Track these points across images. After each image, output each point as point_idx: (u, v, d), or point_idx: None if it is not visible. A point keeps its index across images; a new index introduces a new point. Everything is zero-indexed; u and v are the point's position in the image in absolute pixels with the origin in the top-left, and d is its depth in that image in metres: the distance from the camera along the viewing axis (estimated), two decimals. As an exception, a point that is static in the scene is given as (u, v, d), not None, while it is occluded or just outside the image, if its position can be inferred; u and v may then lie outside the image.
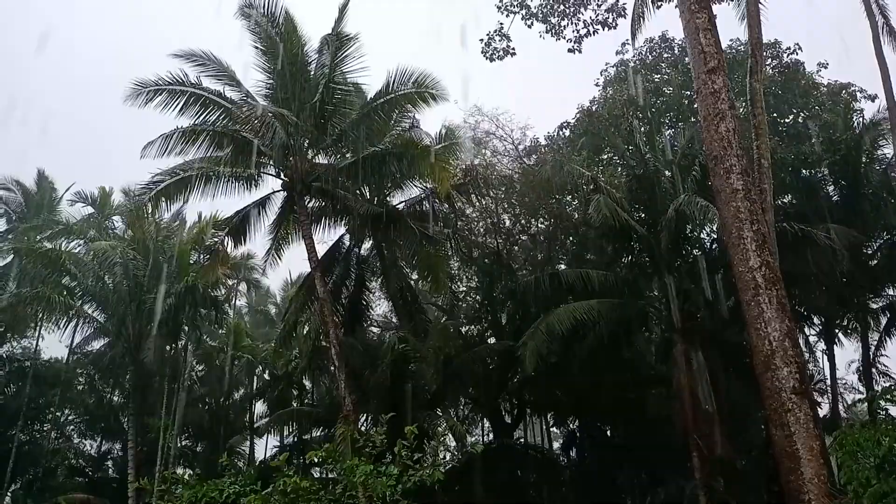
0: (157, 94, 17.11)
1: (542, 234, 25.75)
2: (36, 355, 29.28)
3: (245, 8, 17.77)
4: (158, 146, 17.30)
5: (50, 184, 32.31)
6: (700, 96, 10.03)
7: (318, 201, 20.72)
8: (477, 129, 25.51)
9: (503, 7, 17.74)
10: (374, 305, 26.16)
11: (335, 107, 18.75)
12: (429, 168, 18.46)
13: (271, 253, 21.55)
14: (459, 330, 25.64)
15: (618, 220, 17.86)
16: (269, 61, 18.33)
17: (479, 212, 25.84)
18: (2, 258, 28.07)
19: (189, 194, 18.41)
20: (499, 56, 18.16)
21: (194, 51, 17.59)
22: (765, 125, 11.79)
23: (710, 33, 10.19)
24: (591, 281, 18.95)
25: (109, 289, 24.02)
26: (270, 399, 31.47)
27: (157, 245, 24.78)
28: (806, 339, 23.39)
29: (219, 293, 27.34)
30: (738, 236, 8.85)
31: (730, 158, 9.25)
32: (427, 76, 18.46)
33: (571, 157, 22.85)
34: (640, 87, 23.40)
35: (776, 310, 8.34)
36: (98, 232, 27.84)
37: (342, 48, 18.10)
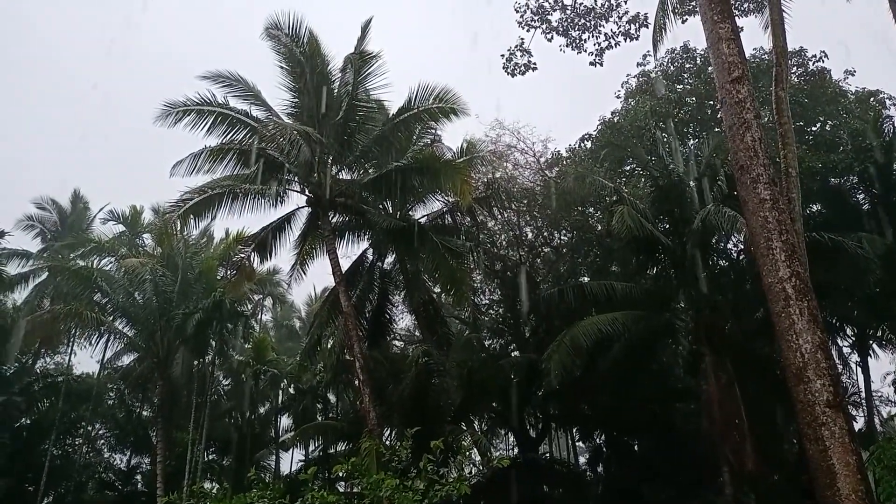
0: (186, 115, 17.53)
1: (565, 246, 25.64)
2: (68, 370, 29.80)
3: (271, 29, 18.17)
4: (187, 165, 17.71)
5: (84, 203, 33.12)
6: (725, 106, 9.95)
7: (341, 216, 20.93)
8: (498, 143, 25.59)
9: (524, 22, 17.80)
10: (398, 319, 26.25)
11: (358, 123, 19.02)
12: (451, 182, 18.57)
13: (296, 268, 21.80)
14: (482, 343, 25.56)
15: (642, 231, 17.71)
16: (294, 80, 18.67)
17: (502, 224, 25.84)
18: (37, 276, 28.69)
19: (216, 211, 18.74)
20: (520, 71, 18.20)
21: (222, 72, 18.03)
22: (791, 134, 11.65)
23: (734, 43, 10.13)
24: (615, 293, 18.79)
25: (139, 304, 24.46)
26: (295, 413, 31.64)
27: (185, 261, 25.19)
28: (839, 351, 22.92)
29: (245, 308, 27.67)
30: (766, 247, 8.73)
31: (757, 168, 9.15)
32: (448, 91, 18.70)
33: (594, 169, 22.78)
34: (663, 96, 23.32)
35: (807, 321, 8.19)
36: (129, 249, 28.39)
37: (365, 66, 18.38)
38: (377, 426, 16.65)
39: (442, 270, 21.07)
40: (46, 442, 26.64)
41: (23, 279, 28.42)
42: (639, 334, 18.61)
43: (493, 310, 27.78)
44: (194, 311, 23.47)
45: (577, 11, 17.82)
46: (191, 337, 23.71)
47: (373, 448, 14.05)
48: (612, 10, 17.63)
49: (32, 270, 28.74)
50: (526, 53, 17.99)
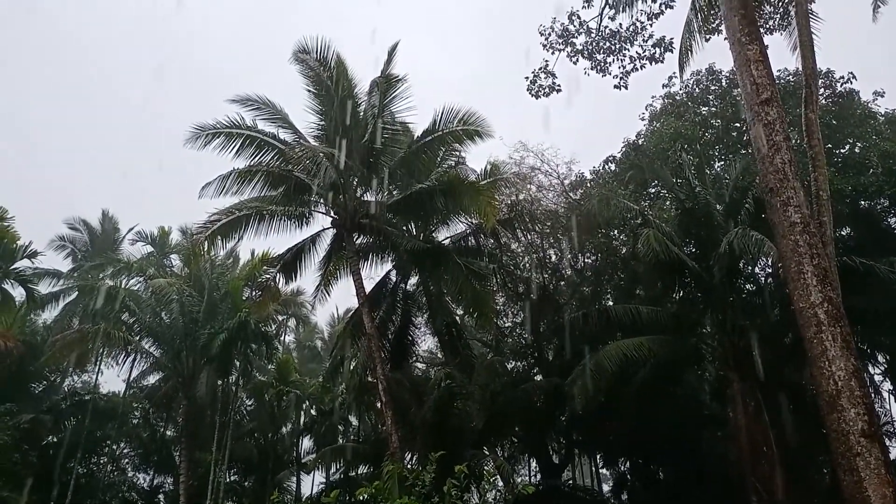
0: (215, 137, 17.87)
1: (589, 269, 25.46)
2: (95, 389, 30.16)
3: (299, 54, 18.52)
4: (216, 186, 18.01)
5: (114, 224, 33.78)
6: (753, 128, 9.88)
7: (365, 238, 21.05)
8: (522, 165, 25.62)
9: (548, 45, 17.88)
10: (420, 341, 26.21)
11: (383, 146, 19.19)
12: (474, 203, 18.61)
13: (320, 289, 21.91)
14: (505, 366, 25.36)
15: (668, 255, 17.52)
16: (321, 103, 18.96)
17: (525, 247, 25.77)
18: (67, 295, 29.22)
19: (243, 232, 18.97)
20: (544, 93, 18.25)
21: (251, 96, 18.39)
22: (822, 156, 11.49)
23: (762, 65, 10.07)
24: (640, 316, 18.57)
25: (166, 324, 24.77)
26: (317, 434, 31.61)
27: (211, 282, 25.49)
28: (871, 379, 22.34)
29: (269, 329, 27.85)
30: (797, 271, 8.58)
31: (787, 191, 9.03)
32: (472, 114, 18.83)
33: (618, 191, 22.68)
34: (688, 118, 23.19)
35: (840, 347, 8.01)
36: (156, 269, 28.82)
37: (390, 89, 18.61)
38: (399, 449, 16.54)
39: (465, 292, 21.02)
40: (72, 460, 26.90)
41: (53, 298, 28.97)
42: (664, 359, 18.34)
43: (516, 333, 27.61)
44: (220, 331, 23.68)
45: (601, 35, 17.86)
46: (216, 357, 23.89)
47: (395, 472, 13.97)
48: (637, 33, 17.64)
49: (63, 289, 29.29)
50: (550, 75, 18.05)
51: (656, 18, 17.34)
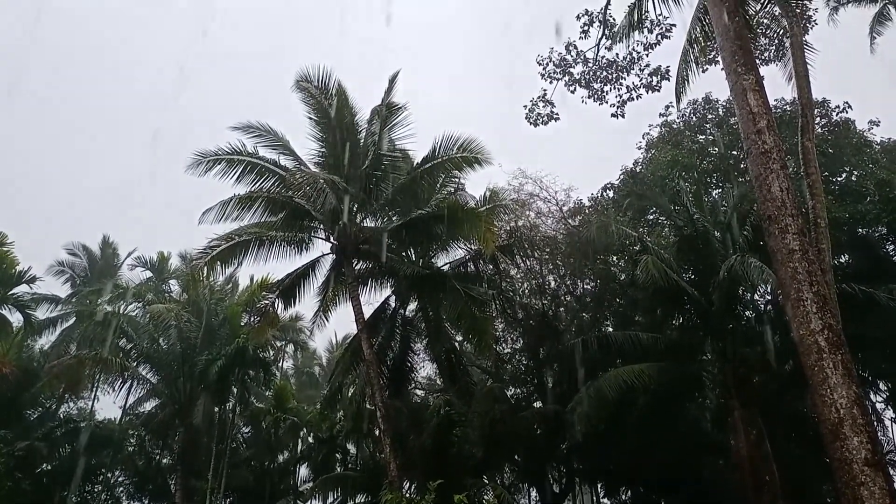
0: (217, 164, 18.00)
1: (589, 296, 25.44)
2: (91, 416, 29.89)
3: (301, 82, 18.75)
4: (216, 212, 18.07)
5: (113, 249, 33.79)
6: (751, 157, 9.96)
7: (365, 263, 21.06)
8: (521, 191, 25.73)
9: (546, 74, 18.11)
10: (419, 367, 26.05)
11: (383, 172, 19.33)
12: (474, 230, 18.67)
13: (319, 315, 21.86)
14: (505, 393, 25.17)
15: (667, 281, 17.54)
16: (322, 130, 19.13)
17: (524, 273, 25.77)
18: (65, 320, 29.11)
19: (242, 258, 18.99)
20: (543, 121, 18.42)
21: (252, 123, 18.56)
22: (819, 184, 11.59)
23: (758, 94, 10.19)
24: (640, 343, 18.53)
25: (163, 350, 24.63)
26: (315, 462, 31.24)
27: (210, 307, 25.43)
28: (873, 407, 22.21)
29: (267, 355, 27.71)
30: (797, 298, 8.59)
31: (785, 218, 9.08)
32: (471, 141, 18.96)
33: (616, 218, 22.77)
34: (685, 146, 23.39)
35: (842, 375, 7.98)
36: (155, 295, 28.77)
37: (391, 117, 18.81)
38: (398, 478, 16.37)
39: (464, 319, 20.96)
40: (67, 489, 26.55)
41: (51, 324, 28.86)
42: (665, 387, 18.25)
43: (516, 359, 27.47)
44: (217, 358, 23.55)
45: (598, 64, 18.09)
46: (213, 383, 23.73)
47: (394, 501, 13.82)
48: (634, 62, 17.87)
49: (61, 315, 29.18)
50: (548, 104, 18.24)
51: (652, 49, 17.58)
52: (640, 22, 16.43)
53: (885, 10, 27.74)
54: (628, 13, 16.41)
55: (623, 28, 16.69)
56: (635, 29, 16.58)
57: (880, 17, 27.95)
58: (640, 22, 16.43)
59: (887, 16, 27.78)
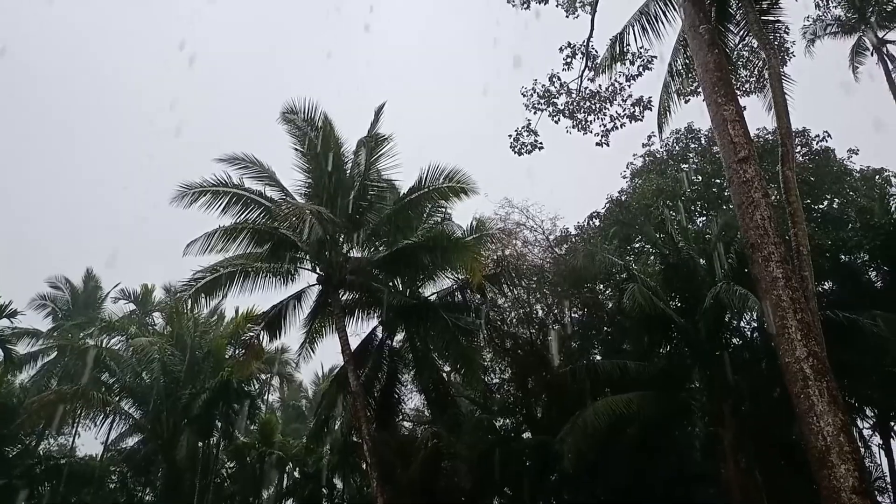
0: (202, 196, 17.94)
1: (576, 324, 25.41)
2: (71, 452, 29.24)
3: (287, 114, 18.86)
4: (201, 244, 17.96)
5: (96, 282, 33.44)
6: (733, 186, 10.08)
7: (351, 294, 20.97)
8: (507, 221, 25.84)
9: (530, 105, 18.33)
10: (407, 399, 25.78)
11: (370, 203, 19.38)
12: (461, 259, 18.69)
13: (305, 346, 21.66)
14: (494, 424, 24.96)
15: (653, 309, 17.57)
16: (308, 162, 19.20)
17: (512, 302, 25.74)
18: (46, 355, 28.62)
19: (227, 290, 18.86)
20: (527, 150, 18.59)
21: (238, 155, 18.60)
22: (801, 212, 11.71)
23: (739, 124, 10.36)
24: (628, 372, 18.46)
25: (146, 385, 24.24)
26: (301, 498, 30.68)
27: (194, 340, 25.12)
28: (860, 434, 22.20)
29: (252, 388, 27.34)
30: (781, 325, 8.63)
31: (768, 246, 9.17)
32: (457, 171, 19.10)
33: (603, 247, 22.88)
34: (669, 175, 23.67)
35: (828, 403, 7.99)
36: (138, 328, 28.42)
37: (377, 148, 18.93)
38: (385, 512, 16.07)
39: (452, 349, 20.87)
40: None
41: (31, 358, 28.35)
42: (654, 416, 18.13)
43: (504, 389, 27.28)
44: (201, 391, 23.21)
45: (582, 95, 18.35)
46: (197, 418, 23.34)
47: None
48: (617, 93, 18.15)
49: (42, 349, 28.70)
50: (532, 133, 18.43)
51: (634, 80, 17.87)
52: (621, 54, 16.72)
53: (861, 42, 28.51)
54: (610, 46, 16.70)
55: (605, 60, 16.97)
56: (617, 61, 16.87)
57: (858, 47, 28.69)
58: (621, 54, 16.72)
59: (864, 46, 28.55)
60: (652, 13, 15.61)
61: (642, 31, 15.90)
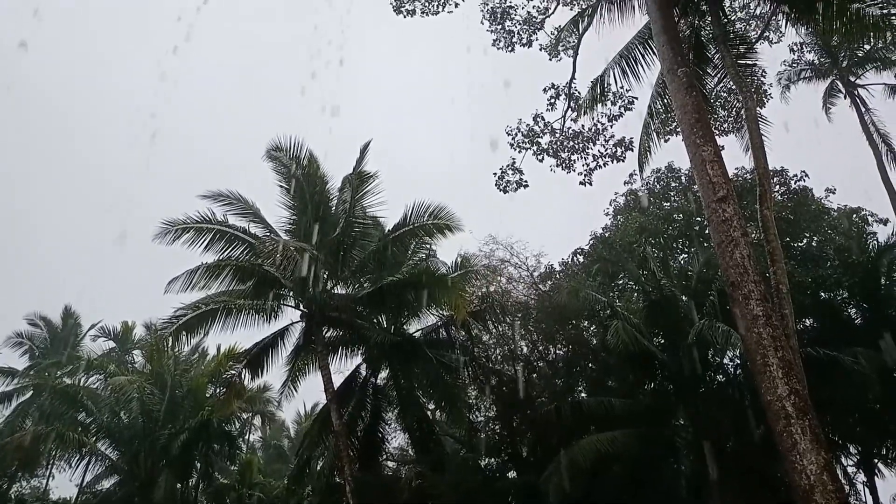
0: (185, 232, 17.89)
1: (561, 361, 25.36)
2: (45, 496, 28.38)
3: (272, 151, 18.99)
4: (183, 281, 17.82)
5: (75, 319, 32.92)
6: (712, 224, 10.23)
7: (335, 331, 20.84)
8: (492, 257, 25.94)
9: (515, 144, 18.62)
10: (391, 438, 25.40)
11: (354, 239, 19.42)
12: (445, 296, 18.70)
13: (287, 385, 21.40)
14: (478, 463, 24.63)
15: (637, 346, 17.64)
16: (293, 199, 19.25)
17: (496, 339, 25.67)
18: (22, 394, 27.99)
19: (209, 327, 18.68)
20: (512, 188, 18.81)
21: (222, 191, 18.63)
22: (779, 251, 11.89)
23: (717, 164, 10.55)
24: (613, 409, 18.42)
25: (124, 424, 23.70)
26: (282, 542, 29.86)
27: (174, 379, 24.69)
28: (844, 471, 22.15)
29: (233, 428, 26.85)
30: (763, 363, 8.67)
31: (748, 284, 9.27)
32: (442, 209, 19.25)
33: (587, 283, 23.00)
34: (651, 213, 23.99)
35: (810, 441, 7.99)
36: (117, 366, 27.92)
37: (362, 185, 19.06)
38: (367, 556, 15.72)
39: (437, 386, 20.73)
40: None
41: (6, 398, 27.70)
42: (639, 453, 18.03)
43: (489, 427, 27.00)
44: (180, 431, 22.72)
45: (565, 135, 18.68)
46: (175, 458, 22.79)
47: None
48: (599, 133, 18.50)
49: (17, 389, 28.06)
50: (517, 172, 18.68)
51: (616, 120, 18.26)
52: (602, 95, 17.09)
53: (834, 85, 29.39)
54: (591, 87, 17.07)
55: (587, 101, 17.33)
56: (598, 102, 17.24)
57: (831, 90, 29.55)
58: (602, 95, 17.09)
59: (837, 89, 29.41)
60: (631, 56, 16.02)
61: (622, 73, 16.29)
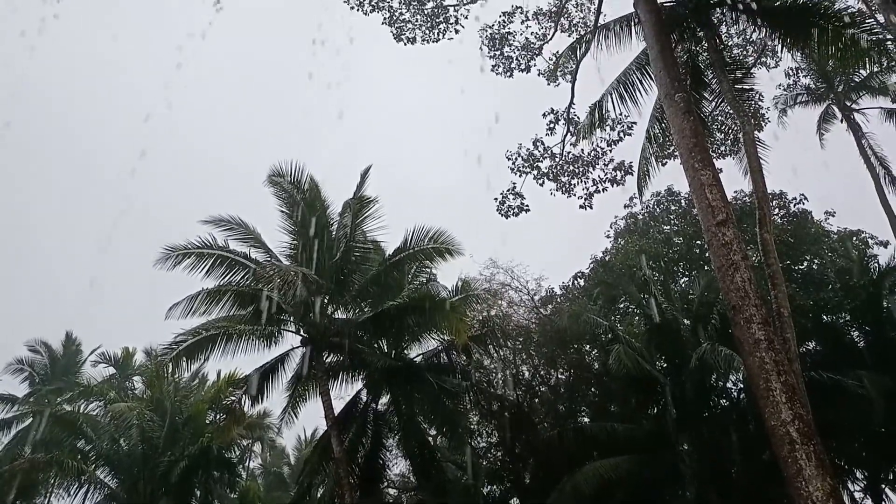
0: (186, 258, 17.92)
1: (563, 386, 25.21)
2: (42, 524, 28.01)
3: (274, 176, 19.11)
4: (183, 307, 17.80)
5: (76, 346, 32.86)
6: (712, 248, 10.26)
7: (336, 356, 20.77)
8: (492, 281, 25.92)
9: (515, 168, 18.74)
10: (392, 464, 25.17)
11: (355, 264, 19.44)
12: (446, 320, 18.66)
13: (287, 410, 21.26)
14: (481, 490, 24.36)
15: (640, 370, 17.58)
16: (293, 223, 19.32)
17: (498, 363, 25.55)
18: (22, 421, 27.83)
19: (210, 353, 18.62)
20: (513, 213, 18.89)
21: (223, 216, 18.68)
22: (780, 275, 11.91)
23: (716, 188, 10.61)
24: (616, 434, 18.29)
25: (124, 452, 23.49)
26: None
27: (174, 405, 24.54)
28: (851, 496, 21.88)
29: (233, 454, 26.62)
30: (766, 388, 8.63)
31: (749, 308, 9.26)
32: (442, 233, 19.29)
33: (588, 307, 22.97)
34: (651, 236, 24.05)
35: (815, 466, 7.93)
36: (118, 393, 27.79)
37: (363, 210, 19.14)
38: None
39: (438, 412, 20.58)
40: None
41: (6, 425, 27.52)
42: (643, 479, 17.85)
43: (492, 453, 26.75)
44: (180, 458, 22.51)
45: (565, 159, 18.81)
46: (175, 486, 22.55)
47: None
48: (599, 158, 18.63)
49: (17, 416, 27.89)
50: (518, 196, 18.77)
51: (615, 145, 18.40)
52: (601, 120, 17.24)
53: (829, 110, 29.65)
54: (590, 113, 17.23)
55: (586, 126, 17.48)
56: (597, 127, 17.38)
57: (826, 115, 29.81)
58: (601, 120, 17.24)
59: (833, 114, 29.67)
60: (629, 82, 16.19)
61: (620, 98, 16.46)
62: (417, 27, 18.72)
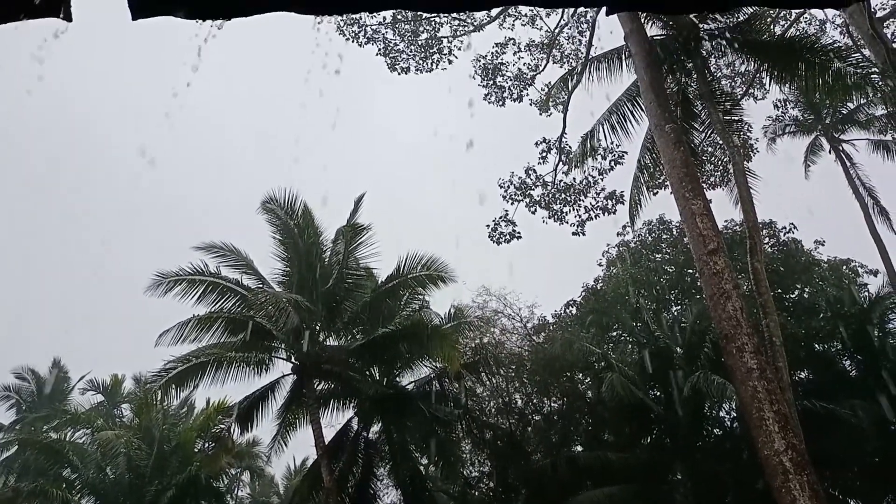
0: (177, 284, 17.84)
1: (556, 414, 25.04)
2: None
3: (267, 203, 19.14)
4: (174, 334, 17.69)
5: (64, 372, 32.44)
6: (704, 277, 10.33)
7: (327, 384, 20.61)
8: (485, 308, 25.89)
9: (508, 196, 18.88)
10: (383, 494, 24.81)
11: (347, 291, 19.40)
12: (438, 348, 18.58)
13: (277, 439, 20.99)
14: (473, 522, 24.04)
15: (633, 399, 17.50)
16: (286, 250, 19.31)
17: (490, 391, 25.39)
18: (7, 449, 27.35)
19: (199, 380, 18.43)
20: (505, 239, 18.99)
21: (215, 243, 18.66)
22: (771, 303, 11.98)
23: (707, 218, 10.73)
24: (610, 463, 18.13)
25: (110, 480, 23.06)
26: None
27: (162, 433, 24.17)
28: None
29: (221, 484, 26.17)
30: (759, 417, 8.64)
31: (741, 337, 9.30)
32: (435, 260, 19.32)
33: (580, 335, 22.93)
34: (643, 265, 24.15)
35: (809, 497, 7.90)
36: (105, 420, 27.37)
37: (356, 237, 19.15)
38: None
39: (429, 440, 20.38)
40: None
41: (-10, 454, 27.03)
42: (637, 510, 17.67)
43: (484, 483, 26.44)
44: (167, 487, 22.09)
45: (557, 187, 18.97)
46: (161, 517, 22.10)
47: None
48: (590, 186, 18.81)
49: (2, 443, 27.40)
50: (510, 224, 18.88)
51: (607, 173, 18.59)
52: (593, 150, 17.45)
53: (817, 141, 30.07)
54: (582, 142, 17.43)
55: (578, 156, 17.67)
56: (589, 156, 17.58)
57: (813, 146, 30.22)
58: (593, 150, 17.45)
59: (820, 145, 30.09)
60: (620, 112, 16.41)
61: (611, 129, 16.67)
62: (412, 57, 18.98)
